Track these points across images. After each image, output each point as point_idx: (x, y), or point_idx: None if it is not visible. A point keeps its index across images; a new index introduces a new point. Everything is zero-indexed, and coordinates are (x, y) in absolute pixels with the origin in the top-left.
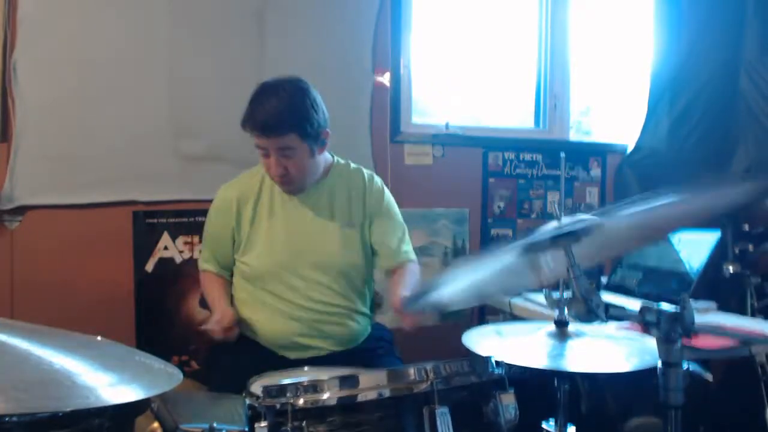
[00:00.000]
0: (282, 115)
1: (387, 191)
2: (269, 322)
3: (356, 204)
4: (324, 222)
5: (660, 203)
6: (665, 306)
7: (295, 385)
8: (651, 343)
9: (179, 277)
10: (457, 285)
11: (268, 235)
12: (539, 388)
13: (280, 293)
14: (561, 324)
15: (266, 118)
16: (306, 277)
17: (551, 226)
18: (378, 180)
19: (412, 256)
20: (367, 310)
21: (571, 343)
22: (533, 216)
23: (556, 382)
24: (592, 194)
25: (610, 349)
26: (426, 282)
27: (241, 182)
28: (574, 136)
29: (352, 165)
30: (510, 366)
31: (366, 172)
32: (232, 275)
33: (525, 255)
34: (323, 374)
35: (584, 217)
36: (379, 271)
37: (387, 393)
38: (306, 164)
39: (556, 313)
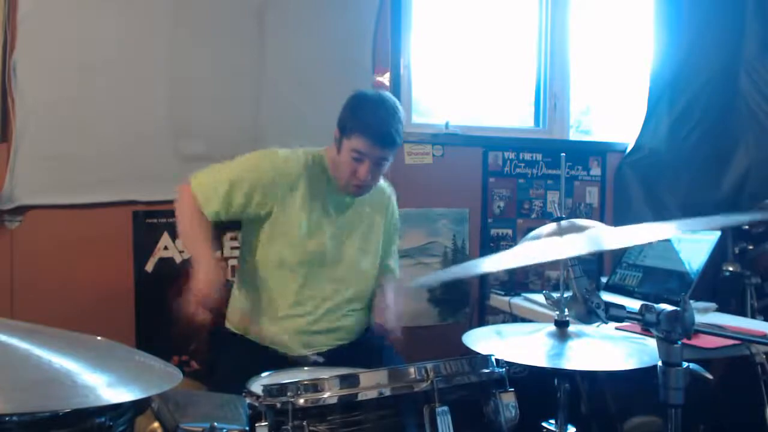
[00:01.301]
0: (397, 130)
1: (396, 204)
2: (279, 320)
3: (378, 213)
4: (357, 226)
5: None
6: (665, 306)
7: (296, 384)
8: (651, 343)
9: (179, 277)
10: None
11: (306, 226)
12: (539, 387)
13: (299, 285)
14: (561, 324)
15: (386, 129)
16: (331, 273)
17: (550, 227)
18: (391, 192)
19: (396, 270)
20: (369, 305)
21: (571, 343)
22: (533, 216)
23: (556, 381)
24: (592, 194)
25: (610, 349)
26: None
27: (298, 160)
28: (574, 136)
29: None
30: (510, 365)
31: (387, 185)
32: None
33: None
34: (323, 373)
35: None
36: None
37: (387, 392)
38: (383, 174)
39: (556, 314)
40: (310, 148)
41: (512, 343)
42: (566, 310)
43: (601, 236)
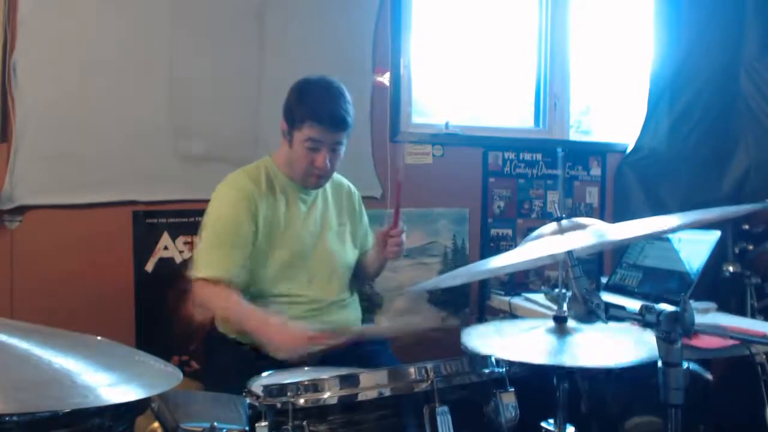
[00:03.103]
0: (348, 111)
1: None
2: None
3: (348, 210)
4: (326, 221)
5: None
6: (665, 306)
7: (296, 384)
8: (650, 336)
9: (179, 277)
10: None
11: (281, 231)
12: (539, 387)
13: (285, 290)
14: (560, 320)
15: (339, 113)
16: (310, 273)
17: (551, 226)
18: (356, 190)
19: None
20: (357, 303)
21: (570, 339)
22: (533, 216)
23: (555, 381)
24: (592, 194)
25: (609, 343)
26: None
27: (248, 176)
28: (574, 136)
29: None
30: (510, 364)
31: (345, 181)
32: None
33: None
34: (323, 373)
35: None
36: None
37: (387, 392)
38: (340, 160)
39: (555, 309)
40: (251, 164)
41: (512, 341)
42: (565, 305)
43: (604, 231)
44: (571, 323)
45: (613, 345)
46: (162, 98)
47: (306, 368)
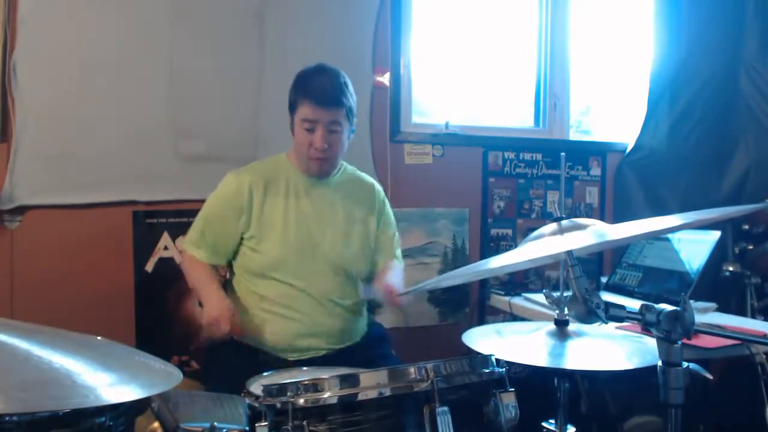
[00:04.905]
0: (340, 89)
1: (387, 200)
2: (269, 324)
3: (364, 208)
4: (334, 218)
5: None
6: (665, 306)
7: (296, 384)
8: (651, 342)
9: (179, 277)
10: None
11: (282, 225)
12: (540, 387)
13: (286, 286)
14: (561, 323)
15: (327, 90)
16: (314, 270)
17: (551, 227)
18: (380, 189)
19: (401, 258)
20: (364, 307)
21: (571, 343)
22: (533, 216)
23: (556, 381)
24: (592, 194)
25: (610, 348)
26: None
27: (252, 170)
28: (574, 136)
29: (355, 169)
30: (510, 365)
31: (369, 178)
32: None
33: None
34: (324, 373)
35: None
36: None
37: (387, 392)
38: (343, 144)
39: (555, 313)
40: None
41: (512, 343)
42: (566, 309)
43: (604, 231)
44: (572, 327)
45: (614, 349)
46: (162, 98)
47: (305, 368)
